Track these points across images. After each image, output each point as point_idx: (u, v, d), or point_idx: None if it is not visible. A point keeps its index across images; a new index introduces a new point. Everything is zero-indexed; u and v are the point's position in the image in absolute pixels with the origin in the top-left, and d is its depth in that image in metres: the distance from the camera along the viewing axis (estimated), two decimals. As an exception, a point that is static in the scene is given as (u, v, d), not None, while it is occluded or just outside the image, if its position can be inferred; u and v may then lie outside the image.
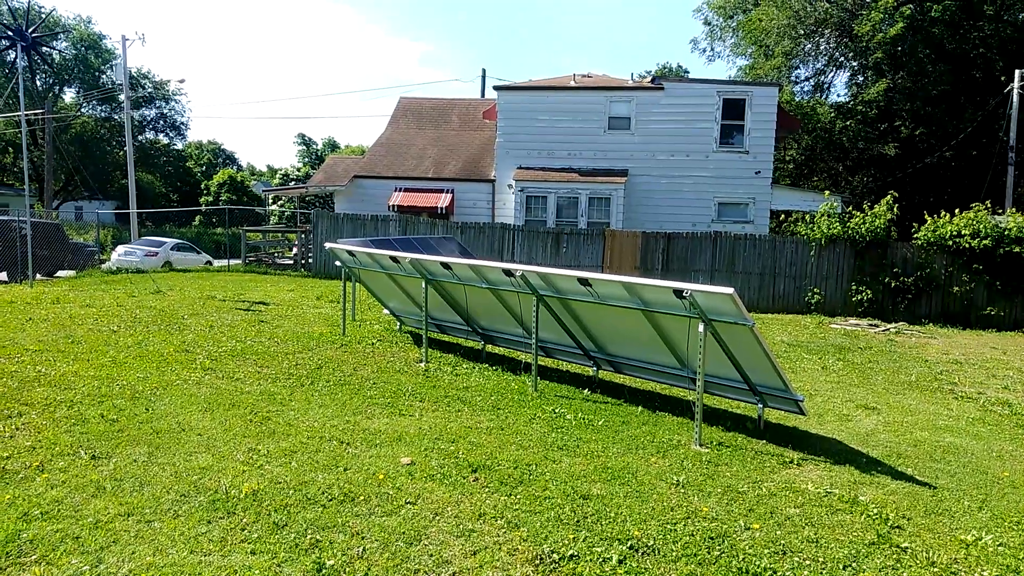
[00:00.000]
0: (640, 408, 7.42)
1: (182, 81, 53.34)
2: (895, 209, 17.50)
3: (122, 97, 40.07)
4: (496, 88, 22.72)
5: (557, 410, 7.14)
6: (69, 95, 56.55)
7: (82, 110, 53.05)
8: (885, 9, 29.61)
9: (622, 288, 6.82)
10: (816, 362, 11.06)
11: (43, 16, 47.19)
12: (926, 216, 17.49)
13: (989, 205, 17.36)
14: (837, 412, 7.85)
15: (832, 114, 33.98)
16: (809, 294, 17.93)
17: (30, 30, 38.49)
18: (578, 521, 4.46)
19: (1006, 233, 16.44)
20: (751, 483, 5.38)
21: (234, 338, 9.95)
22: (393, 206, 22.68)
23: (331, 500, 4.47)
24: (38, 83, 51.59)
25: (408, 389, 7.67)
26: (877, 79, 32.21)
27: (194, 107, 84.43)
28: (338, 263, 10.76)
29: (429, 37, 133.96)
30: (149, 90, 55.95)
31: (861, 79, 35.08)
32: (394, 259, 9.46)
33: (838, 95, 40.81)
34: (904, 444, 6.74)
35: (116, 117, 53.83)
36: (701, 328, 6.26)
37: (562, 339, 8.50)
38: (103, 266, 23.92)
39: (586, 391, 8.07)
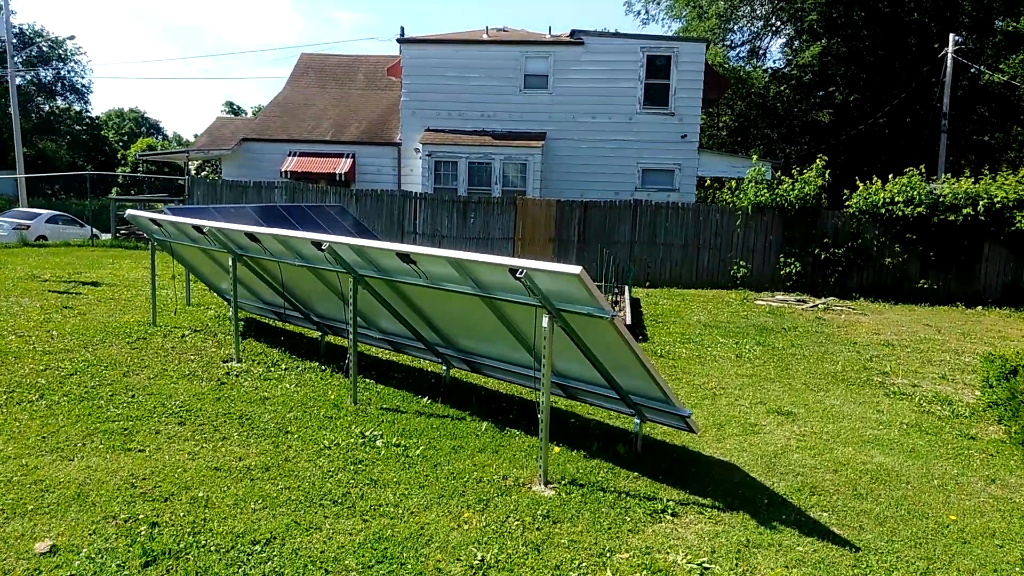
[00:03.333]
0: (487, 424, 5.60)
1: (72, 38, 48.95)
2: (827, 175, 16.10)
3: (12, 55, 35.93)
4: (400, 41, 20.40)
5: (370, 432, 5.26)
6: (-47, 53, 51.22)
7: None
8: (820, -32, 28.27)
9: (450, 266, 4.94)
10: (731, 348, 9.46)
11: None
12: (858, 183, 16.16)
13: (923, 170, 16.11)
14: (743, 420, 6.18)
15: (767, 79, 32.73)
16: (735, 267, 16.46)
17: None
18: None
19: (941, 200, 15.21)
20: (594, 558, 3.61)
21: (-7, 332, 7.74)
22: (286, 172, 20.30)
23: None
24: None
25: (176, 404, 5.67)
26: (812, 44, 31.02)
27: (98, 68, 78.16)
28: (146, 235, 8.60)
29: (361, 6, 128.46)
30: (44, 48, 51.12)
31: (797, 44, 33.88)
32: (199, 229, 7.36)
33: (774, 62, 39.62)
34: (822, 469, 5.10)
35: (7, 81, 49.09)
36: (546, 321, 4.44)
37: (409, 331, 6.61)
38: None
39: (426, 399, 6.20)
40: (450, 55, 20.29)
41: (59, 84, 53.30)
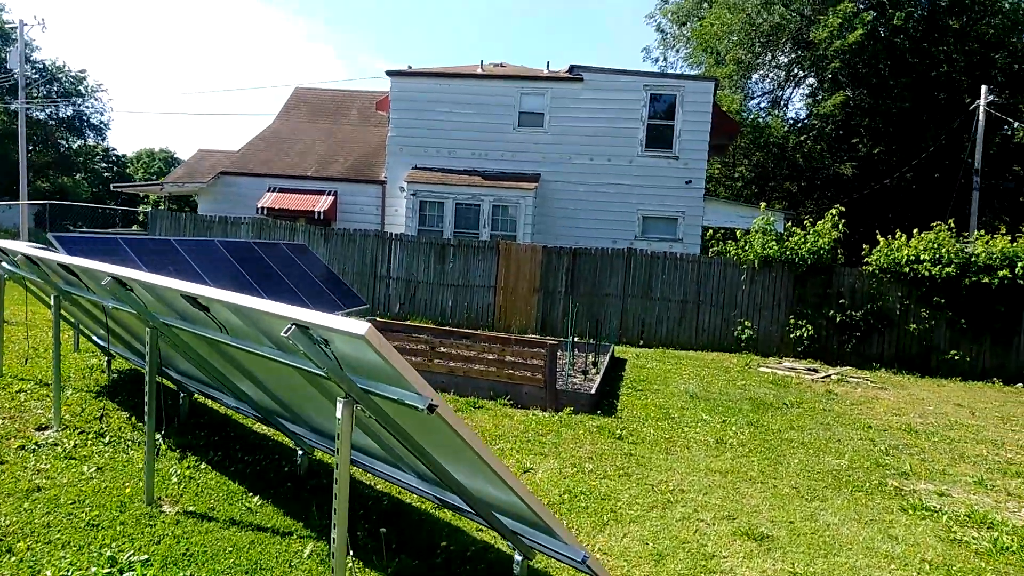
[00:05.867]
0: (314, 546, 3.90)
1: (83, 71, 49.31)
2: (841, 226, 14.37)
3: (31, 90, 35.81)
4: (389, 73, 19.30)
5: (129, 556, 3.60)
6: (-25, 88, 51.83)
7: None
8: (844, 15, 26.94)
9: (232, 313, 3.35)
10: (714, 429, 7.67)
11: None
12: (879, 238, 14.41)
13: (953, 227, 14.32)
14: (696, 548, 4.40)
15: (785, 128, 31.26)
16: (739, 328, 14.67)
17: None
18: None
19: (973, 260, 13.39)
20: None
21: None
22: (262, 208, 19.06)
23: None
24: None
25: None
26: (835, 94, 29.60)
27: (119, 105, 79.50)
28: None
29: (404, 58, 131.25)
30: (66, 85, 51.52)
31: (820, 96, 32.49)
32: (28, 259, 5.88)
33: (795, 112, 38.30)
34: (796, 649, 3.31)
35: (30, 114, 49.32)
36: (340, 408, 2.80)
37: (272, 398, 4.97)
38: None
39: (258, 499, 4.52)
40: (441, 89, 19.12)
41: (77, 120, 53.54)
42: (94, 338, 7.78)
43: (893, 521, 5.16)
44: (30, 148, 50.05)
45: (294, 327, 2.64)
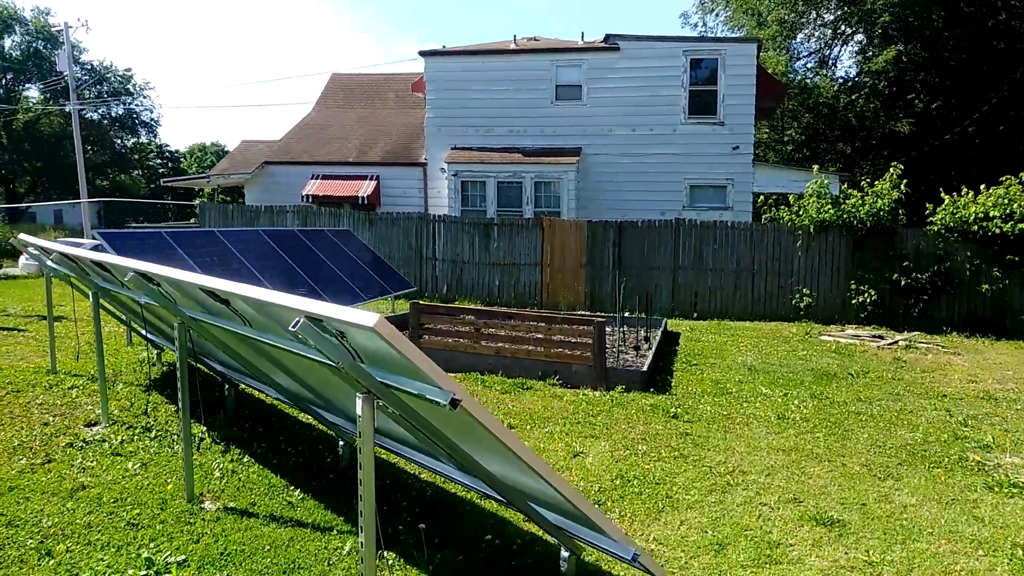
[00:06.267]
0: (355, 542, 3.76)
1: (128, 70, 50.40)
2: (903, 186, 13.60)
3: (82, 91, 36.84)
4: (423, 54, 19.05)
5: (167, 557, 3.51)
6: (33, 92, 53.61)
7: (43, 107, 49.99)
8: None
9: (249, 306, 3.18)
10: (775, 403, 7.29)
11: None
12: (944, 196, 13.59)
13: (1025, 179, 13.40)
14: (760, 535, 4.10)
15: (835, 88, 29.92)
16: (797, 296, 14.08)
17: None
18: None
19: (1050, 214, 12.53)
20: None
21: None
22: (307, 196, 19.14)
23: None
24: (-6, 79, 48.86)
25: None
26: (886, 49, 28.14)
27: (166, 101, 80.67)
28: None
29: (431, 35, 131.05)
30: (115, 84, 52.83)
31: (870, 53, 30.98)
32: (67, 257, 5.87)
33: (845, 71, 36.66)
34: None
35: (84, 114, 50.80)
36: (360, 405, 2.61)
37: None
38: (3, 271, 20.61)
39: (299, 493, 4.40)
40: (475, 67, 18.79)
41: (129, 119, 54.96)
42: (142, 332, 7.83)
43: (977, 500, 4.76)
44: (87, 148, 51.67)
45: (304, 320, 2.44)
